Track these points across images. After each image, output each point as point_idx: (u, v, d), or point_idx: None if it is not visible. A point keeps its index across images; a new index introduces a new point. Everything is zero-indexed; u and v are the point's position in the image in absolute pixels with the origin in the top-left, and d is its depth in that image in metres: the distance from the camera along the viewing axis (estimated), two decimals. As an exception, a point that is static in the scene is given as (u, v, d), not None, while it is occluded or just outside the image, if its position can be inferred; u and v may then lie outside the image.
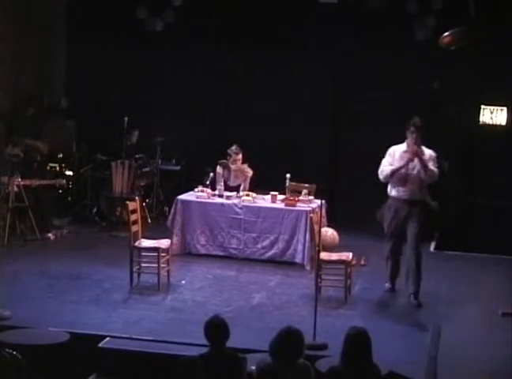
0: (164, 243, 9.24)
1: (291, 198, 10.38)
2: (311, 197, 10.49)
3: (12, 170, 10.53)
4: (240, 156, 10.73)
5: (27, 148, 11.18)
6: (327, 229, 10.37)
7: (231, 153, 10.75)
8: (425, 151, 8.74)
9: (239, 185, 10.81)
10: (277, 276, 9.68)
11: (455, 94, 12.22)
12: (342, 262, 8.84)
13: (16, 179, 10.54)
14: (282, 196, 10.51)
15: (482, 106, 12.53)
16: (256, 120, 12.67)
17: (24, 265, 9.51)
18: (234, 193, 10.60)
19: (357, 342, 5.26)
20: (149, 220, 11.91)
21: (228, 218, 10.34)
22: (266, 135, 12.61)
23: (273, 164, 11.87)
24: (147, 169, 12.72)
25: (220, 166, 10.80)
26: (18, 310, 7.71)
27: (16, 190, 10.54)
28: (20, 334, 6.94)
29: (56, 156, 12.46)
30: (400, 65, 12.31)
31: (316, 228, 8.67)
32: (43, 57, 13.21)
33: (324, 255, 8.83)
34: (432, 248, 11.22)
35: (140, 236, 9.19)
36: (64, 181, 11.83)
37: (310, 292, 8.70)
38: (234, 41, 12.65)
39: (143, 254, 9.11)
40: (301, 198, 10.44)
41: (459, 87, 12.13)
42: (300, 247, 10.06)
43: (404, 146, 8.78)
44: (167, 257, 9.17)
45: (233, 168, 10.79)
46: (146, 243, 9.21)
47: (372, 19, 12.14)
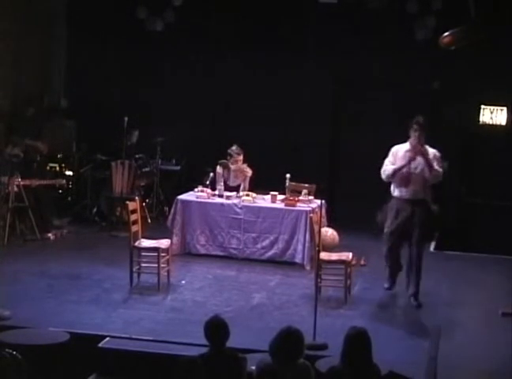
0: (164, 243, 9.24)
1: (291, 198, 10.38)
2: (311, 197, 10.49)
3: (12, 170, 10.53)
4: (241, 157, 10.73)
5: (27, 148, 11.18)
6: (327, 229, 10.37)
7: (232, 153, 10.75)
8: (429, 150, 8.65)
9: (239, 185, 10.81)
10: (277, 276, 9.68)
11: (455, 94, 12.21)
12: (342, 262, 8.83)
13: (16, 179, 10.54)
14: (282, 196, 10.51)
15: (482, 106, 12.55)
16: (256, 120, 12.67)
17: (24, 265, 9.51)
18: (234, 193, 10.60)
19: (357, 342, 5.26)
20: (149, 220, 11.91)
21: (228, 218, 10.34)
22: (266, 135, 12.62)
23: (273, 164, 11.87)
24: (147, 169, 12.72)
25: (220, 166, 10.80)
26: (18, 310, 7.71)
27: (16, 190, 10.54)
28: (20, 334, 6.92)
29: (56, 156, 12.45)
30: (400, 65, 12.30)
31: (316, 228, 8.66)
32: (43, 57, 13.20)
33: (324, 255, 8.83)
34: (432, 248, 11.20)
35: (140, 236, 9.19)
36: (64, 181, 11.84)
37: (310, 292, 8.69)
38: (234, 41, 12.65)
39: (143, 254, 9.11)
40: (301, 198, 10.44)
41: (459, 87, 12.13)
42: (300, 247, 10.06)
43: (407, 145, 8.69)
44: (167, 257, 9.17)
45: (233, 168, 10.79)
46: (146, 243, 9.20)
47: (372, 19, 12.14)
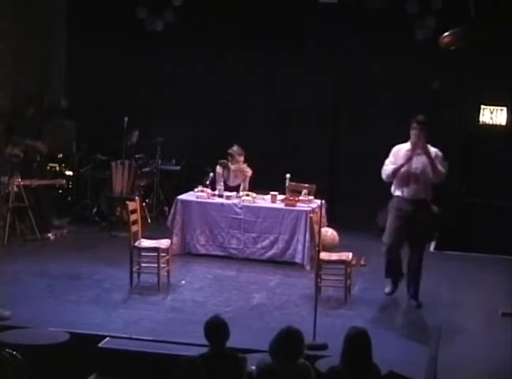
0: (164, 243, 9.23)
1: (291, 198, 10.38)
2: (311, 197, 10.49)
3: (12, 170, 10.53)
4: (243, 158, 10.74)
5: (27, 148, 11.18)
6: (327, 229, 10.36)
7: (233, 154, 10.75)
8: (431, 149, 8.60)
9: (239, 185, 10.81)
10: (277, 276, 9.68)
11: (455, 94, 12.21)
12: (342, 262, 8.83)
13: (16, 179, 10.54)
14: (282, 196, 10.51)
15: (482, 106, 12.55)
16: (256, 120, 12.68)
17: (24, 265, 9.51)
18: (234, 193, 10.60)
19: (357, 342, 5.26)
20: (149, 220, 11.91)
21: (228, 218, 10.33)
22: (266, 135, 12.63)
23: (273, 164, 11.88)
24: (147, 169, 12.72)
25: (220, 166, 10.80)
26: (18, 310, 7.70)
27: (16, 190, 10.54)
28: (20, 334, 6.93)
29: (56, 156, 12.45)
30: (400, 65, 12.30)
31: (316, 228, 8.66)
32: (43, 57, 13.20)
33: (324, 255, 8.83)
34: (432, 248, 11.20)
35: (140, 236, 9.19)
36: (64, 181, 11.84)
37: (310, 292, 8.69)
38: (234, 41, 12.65)
39: (143, 254, 9.11)
40: (301, 198, 10.44)
41: (459, 87, 12.13)
42: (300, 247, 10.06)
43: (408, 145, 8.63)
44: (167, 257, 9.17)
45: (232, 168, 10.79)
46: (146, 243, 9.20)
47: (372, 19, 12.14)
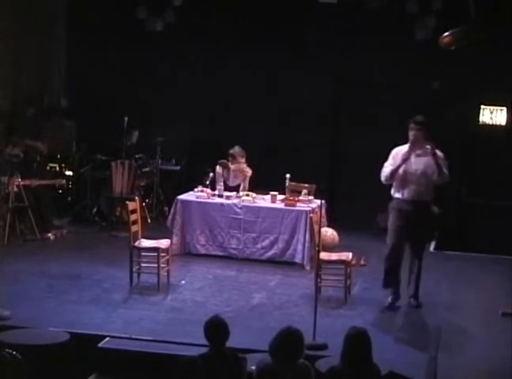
0: (164, 243, 9.23)
1: (291, 198, 10.38)
2: (311, 197, 10.49)
3: (12, 170, 10.53)
4: (244, 159, 10.74)
5: (27, 148, 11.18)
6: (327, 229, 10.36)
7: (235, 154, 10.75)
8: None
9: (239, 185, 10.81)
10: (277, 276, 9.68)
11: (455, 94, 12.21)
12: (342, 262, 8.83)
13: (16, 179, 10.54)
14: (282, 196, 10.51)
15: (482, 106, 12.55)
16: (256, 120, 12.68)
17: (24, 265, 9.51)
18: (234, 193, 10.60)
19: (357, 342, 5.26)
20: (149, 220, 11.91)
21: (228, 218, 10.33)
22: (266, 135, 12.63)
23: (273, 164, 11.89)
24: (147, 169, 12.71)
25: (220, 166, 10.80)
26: (18, 310, 7.70)
27: (16, 190, 10.54)
28: (20, 334, 6.93)
29: (56, 156, 12.44)
30: (400, 65, 12.30)
31: (316, 228, 8.66)
32: (43, 57, 13.20)
33: (324, 255, 8.82)
34: (432, 248, 11.20)
35: (140, 236, 9.18)
36: (64, 181, 11.84)
37: (310, 292, 8.69)
38: (234, 41, 12.65)
39: (143, 254, 9.11)
40: (301, 198, 10.44)
41: (459, 87, 12.13)
42: (300, 247, 10.06)
43: (407, 147, 8.57)
44: (166, 257, 9.17)
45: (232, 168, 10.79)
46: (146, 243, 9.20)
47: (372, 19, 12.14)
